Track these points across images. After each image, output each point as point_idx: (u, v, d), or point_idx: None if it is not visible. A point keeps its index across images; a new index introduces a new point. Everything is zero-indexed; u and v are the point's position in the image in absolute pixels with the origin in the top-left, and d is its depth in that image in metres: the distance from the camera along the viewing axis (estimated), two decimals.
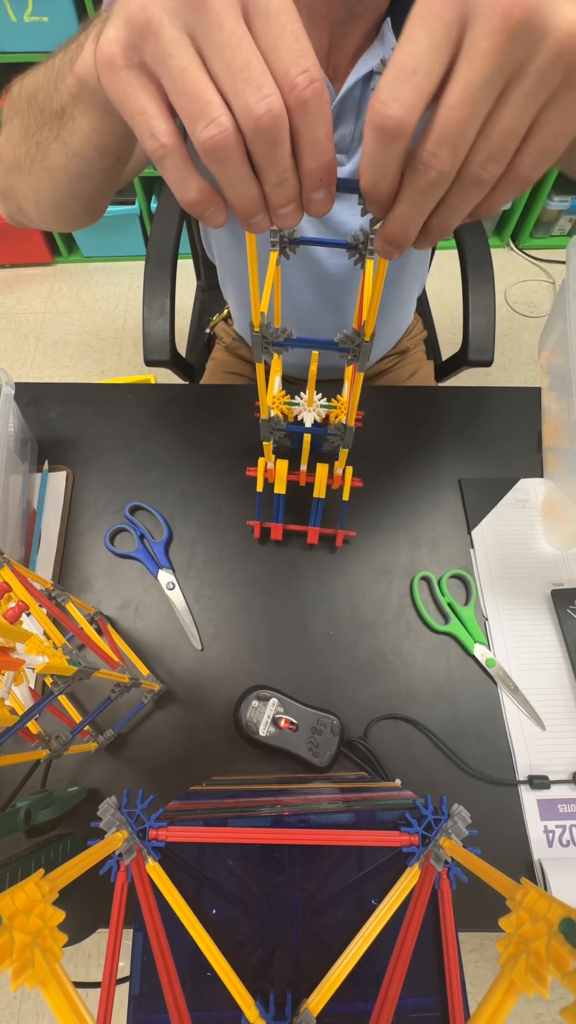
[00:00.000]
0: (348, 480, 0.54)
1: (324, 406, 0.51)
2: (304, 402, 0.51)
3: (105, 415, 0.69)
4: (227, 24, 0.22)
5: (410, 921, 0.28)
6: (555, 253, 1.82)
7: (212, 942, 0.27)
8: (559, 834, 0.49)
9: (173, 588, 0.59)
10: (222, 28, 0.22)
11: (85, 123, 0.37)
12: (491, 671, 0.55)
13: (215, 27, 0.22)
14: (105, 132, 0.37)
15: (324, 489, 0.52)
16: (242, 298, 0.78)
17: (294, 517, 0.58)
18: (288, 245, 0.35)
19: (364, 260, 0.37)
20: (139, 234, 1.77)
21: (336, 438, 0.46)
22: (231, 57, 0.22)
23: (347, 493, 0.54)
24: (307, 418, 0.50)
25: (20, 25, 1.32)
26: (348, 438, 0.46)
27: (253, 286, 0.33)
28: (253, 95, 0.22)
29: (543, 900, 0.22)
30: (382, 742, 0.52)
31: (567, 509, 0.57)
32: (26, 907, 0.21)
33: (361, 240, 0.37)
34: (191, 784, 0.48)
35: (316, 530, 0.57)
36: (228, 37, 0.22)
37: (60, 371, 1.66)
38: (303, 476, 0.56)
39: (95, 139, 0.38)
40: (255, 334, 0.35)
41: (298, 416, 0.51)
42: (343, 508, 0.56)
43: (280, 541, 0.60)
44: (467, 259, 0.85)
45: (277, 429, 0.46)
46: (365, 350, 0.35)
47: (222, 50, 0.22)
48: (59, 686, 0.35)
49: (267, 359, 0.37)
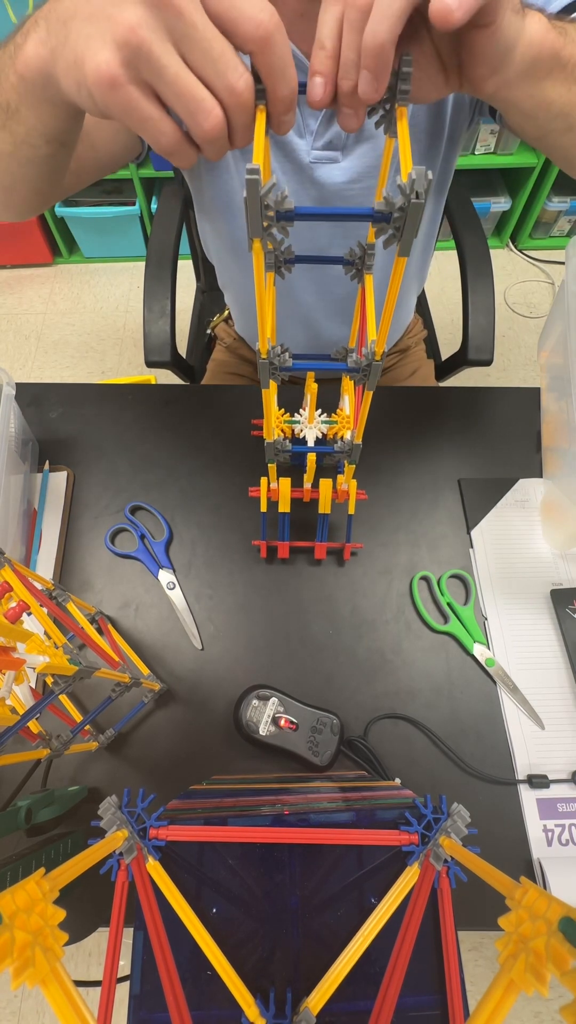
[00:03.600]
0: (353, 494, 0.53)
1: (325, 422, 0.50)
2: (305, 419, 0.50)
3: (106, 416, 0.69)
4: (198, 21, 0.27)
5: (410, 920, 0.28)
6: (554, 254, 1.82)
7: (212, 941, 0.27)
8: (558, 833, 0.49)
9: (173, 588, 0.59)
10: (196, 26, 0.27)
11: (32, 116, 0.38)
12: (490, 671, 0.55)
13: (190, 27, 0.27)
14: (51, 123, 0.39)
15: (329, 504, 0.51)
16: (242, 300, 0.78)
17: (296, 531, 0.58)
18: (283, 265, 0.35)
19: (362, 275, 0.36)
20: (139, 235, 1.77)
21: (343, 455, 0.45)
22: (208, 48, 0.27)
23: (352, 507, 0.54)
24: (309, 436, 0.49)
25: None
26: (355, 454, 0.45)
27: (260, 312, 0.32)
28: (232, 75, 0.28)
29: (542, 899, 0.22)
30: (382, 741, 0.52)
31: (566, 509, 0.57)
32: (27, 906, 0.21)
33: (358, 255, 0.36)
34: (191, 783, 0.48)
35: (323, 545, 0.57)
36: (202, 32, 0.27)
37: (61, 372, 1.66)
38: (307, 493, 0.55)
39: (41, 129, 0.39)
40: (263, 361, 0.34)
41: (300, 433, 0.50)
42: (349, 522, 0.55)
43: (287, 559, 0.59)
44: (467, 259, 0.85)
45: (284, 451, 0.45)
46: (375, 370, 0.34)
47: (199, 44, 0.27)
48: (60, 685, 0.35)
49: (276, 382, 0.36)
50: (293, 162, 0.55)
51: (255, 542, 0.59)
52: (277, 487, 0.50)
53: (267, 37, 0.27)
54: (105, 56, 0.28)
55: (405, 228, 0.26)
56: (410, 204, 0.25)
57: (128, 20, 0.27)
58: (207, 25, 0.27)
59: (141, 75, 0.28)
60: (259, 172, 0.24)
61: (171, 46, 0.27)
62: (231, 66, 0.28)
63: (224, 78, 0.28)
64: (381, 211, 0.26)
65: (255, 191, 0.24)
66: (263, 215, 0.26)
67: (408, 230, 0.26)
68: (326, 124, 0.53)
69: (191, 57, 0.27)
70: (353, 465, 0.47)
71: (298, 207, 0.27)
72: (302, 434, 0.50)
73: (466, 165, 1.60)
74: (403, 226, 0.26)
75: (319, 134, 0.53)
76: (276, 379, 0.36)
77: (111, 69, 0.28)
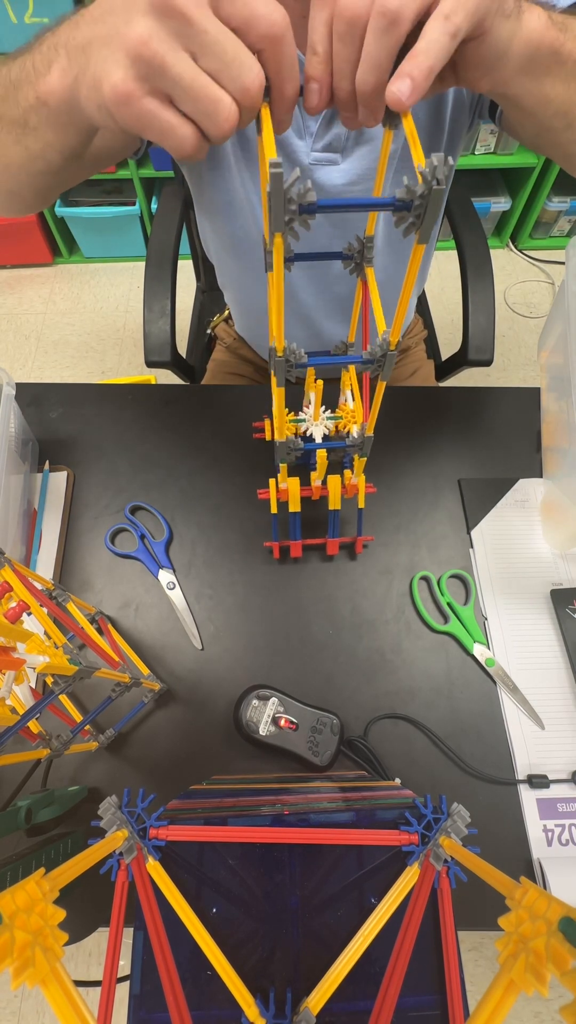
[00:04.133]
0: (362, 488, 0.53)
1: (330, 418, 0.50)
2: (310, 416, 0.50)
3: (106, 415, 0.69)
4: (208, 26, 0.27)
5: (410, 920, 0.28)
6: (554, 254, 1.82)
7: (212, 941, 0.27)
8: (558, 833, 0.49)
9: (173, 588, 0.59)
10: (207, 31, 0.27)
11: (50, 134, 0.38)
12: (490, 670, 0.55)
13: (200, 32, 0.27)
14: (70, 141, 0.39)
15: (339, 500, 0.51)
16: (242, 300, 0.78)
17: (303, 529, 0.57)
18: (285, 262, 0.35)
19: (362, 269, 0.36)
20: (139, 235, 1.77)
21: (355, 448, 0.45)
22: (220, 52, 0.27)
23: (362, 500, 0.54)
24: (316, 433, 0.49)
25: (21, 26, 1.32)
26: (367, 447, 0.45)
27: (272, 313, 0.32)
28: (247, 76, 0.28)
29: (542, 899, 0.22)
30: (382, 741, 0.52)
31: (566, 509, 0.57)
32: (27, 906, 0.21)
33: (357, 249, 0.36)
34: (191, 783, 0.48)
35: (335, 541, 0.57)
36: (213, 36, 0.27)
37: (61, 372, 1.66)
38: (316, 491, 0.55)
39: (58, 146, 0.39)
40: (278, 359, 0.34)
41: (306, 431, 0.50)
42: (359, 516, 0.56)
43: (293, 557, 0.59)
44: (467, 259, 0.85)
45: (295, 450, 0.45)
46: (390, 360, 0.34)
47: (212, 48, 0.27)
48: (60, 685, 0.35)
49: (290, 380, 0.36)
50: (292, 163, 0.55)
51: (267, 543, 0.59)
52: (287, 487, 0.50)
53: (280, 36, 0.28)
54: (120, 74, 0.28)
55: (427, 215, 0.26)
56: (432, 191, 0.25)
57: (139, 35, 0.27)
58: (218, 28, 0.27)
59: (157, 86, 0.28)
60: (282, 166, 0.24)
61: (184, 53, 0.27)
62: (246, 67, 0.28)
63: (239, 80, 0.28)
64: (403, 199, 0.26)
65: (279, 184, 0.24)
66: (287, 209, 0.26)
67: (429, 217, 0.26)
68: (326, 126, 0.53)
69: (204, 61, 0.28)
70: (364, 459, 0.47)
71: (320, 200, 0.26)
72: (308, 432, 0.50)
73: (466, 165, 1.60)
74: (424, 213, 0.26)
75: (319, 136, 0.53)
76: (291, 377, 0.36)
77: (126, 86, 0.28)
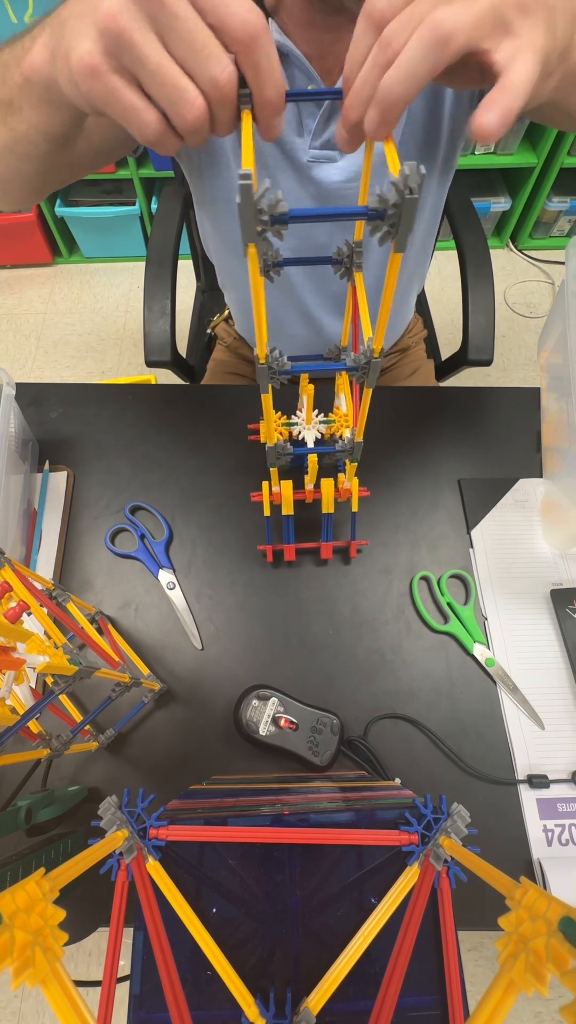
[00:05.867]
0: (355, 492, 0.53)
1: (323, 422, 0.50)
2: (302, 420, 0.50)
3: (106, 415, 0.69)
4: (181, 11, 0.26)
5: (410, 920, 0.28)
6: (554, 254, 1.82)
7: (212, 941, 0.27)
8: (558, 833, 0.49)
9: (173, 588, 0.59)
10: (178, 16, 0.26)
11: (34, 114, 0.39)
12: (490, 670, 0.55)
13: (172, 17, 0.26)
14: (53, 122, 0.39)
15: (332, 504, 0.51)
16: (242, 299, 0.78)
17: (298, 532, 0.57)
18: (272, 268, 0.35)
19: (351, 274, 0.36)
20: (139, 235, 1.77)
21: (345, 453, 0.45)
22: (191, 40, 0.27)
23: (355, 504, 0.54)
24: (308, 437, 0.49)
25: (21, 26, 1.31)
26: (357, 452, 0.44)
27: (257, 317, 0.31)
28: (216, 67, 0.27)
29: (542, 899, 0.22)
30: (382, 741, 0.52)
31: (566, 509, 0.57)
32: (27, 906, 0.21)
33: (346, 254, 0.36)
34: (191, 783, 0.48)
35: (329, 545, 0.57)
36: (184, 23, 0.26)
37: (61, 372, 1.66)
38: (309, 494, 0.55)
39: (42, 128, 0.40)
40: (261, 366, 0.34)
41: (298, 435, 0.50)
42: (353, 520, 0.55)
43: (294, 562, 0.59)
44: (466, 259, 0.85)
45: (285, 454, 0.45)
46: (374, 367, 0.34)
47: (182, 35, 0.27)
48: (60, 685, 0.35)
49: (275, 387, 0.36)
50: (291, 161, 0.55)
51: (260, 547, 0.59)
52: (279, 491, 0.50)
53: (254, 36, 0.27)
54: (88, 46, 0.28)
55: (400, 224, 0.25)
56: (404, 200, 0.24)
57: (109, 9, 0.27)
58: (190, 16, 0.26)
59: (123, 63, 0.28)
60: (251, 177, 0.23)
61: (153, 36, 0.27)
62: (214, 57, 0.27)
63: (207, 70, 0.27)
64: (376, 209, 0.26)
65: (248, 196, 0.24)
66: (257, 220, 0.25)
67: (403, 226, 0.25)
68: (324, 124, 0.53)
69: (174, 47, 0.27)
70: (355, 463, 0.47)
71: (292, 210, 0.26)
72: (300, 435, 0.50)
73: (466, 165, 1.60)
74: (398, 222, 0.25)
75: (317, 133, 0.53)
76: (275, 383, 0.35)
77: (92, 58, 0.28)
